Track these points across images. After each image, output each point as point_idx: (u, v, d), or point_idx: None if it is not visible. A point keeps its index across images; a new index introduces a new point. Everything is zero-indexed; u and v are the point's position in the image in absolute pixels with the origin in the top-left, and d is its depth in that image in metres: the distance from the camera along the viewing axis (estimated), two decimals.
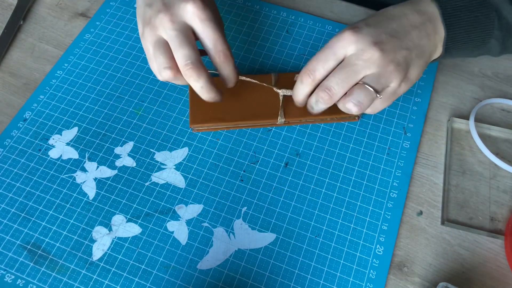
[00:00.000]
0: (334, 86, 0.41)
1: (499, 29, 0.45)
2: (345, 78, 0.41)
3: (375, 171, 0.48)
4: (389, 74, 0.41)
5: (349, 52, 0.41)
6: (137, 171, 0.48)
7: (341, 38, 0.41)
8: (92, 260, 0.43)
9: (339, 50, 0.41)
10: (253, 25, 0.57)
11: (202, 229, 0.45)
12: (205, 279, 0.43)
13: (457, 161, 0.48)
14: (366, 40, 0.41)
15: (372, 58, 0.40)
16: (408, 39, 0.42)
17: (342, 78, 0.41)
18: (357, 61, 0.41)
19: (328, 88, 0.42)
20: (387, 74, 0.41)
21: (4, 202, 0.46)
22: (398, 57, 0.41)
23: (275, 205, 0.46)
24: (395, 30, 0.42)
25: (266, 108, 0.49)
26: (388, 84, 0.42)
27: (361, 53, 0.41)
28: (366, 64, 0.41)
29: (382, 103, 0.43)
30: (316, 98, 0.43)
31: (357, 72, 0.41)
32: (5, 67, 0.55)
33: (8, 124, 0.51)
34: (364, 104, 0.42)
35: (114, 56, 0.55)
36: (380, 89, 0.42)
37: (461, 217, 0.45)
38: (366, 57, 0.41)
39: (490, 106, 0.52)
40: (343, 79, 0.41)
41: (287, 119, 0.49)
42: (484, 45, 0.46)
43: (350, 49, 0.41)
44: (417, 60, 0.43)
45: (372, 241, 0.44)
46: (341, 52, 0.41)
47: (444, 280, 0.43)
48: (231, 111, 0.49)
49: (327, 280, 0.43)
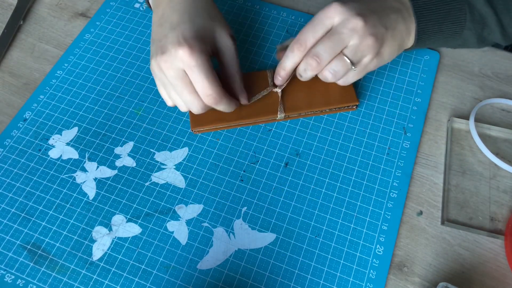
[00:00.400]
0: (322, 53, 0.44)
1: (471, 21, 0.47)
2: (332, 46, 0.44)
3: (375, 171, 0.48)
4: (366, 47, 0.44)
5: (336, 22, 0.44)
6: (137, 171, 0.48)
7: (328, 9, 0.45)
8: (92, 260, 0.43)
9: (327, 20, 0.44)
10: (253, 25, 0.57)
11: (202, 229, 0.45)
12: (205, 279, 0.43)
13: (457, 161, 0.48)
14: (351, 11, 0.44)
15: (356, 28, 0.43)
16: (387, 19, 0.45)
17: (330, 46, 0.44)
18: (343, 29, 0.44)
19: (316, 55, 0.44)
20: (364, 47, 0.44)
21: (4, 202, 0.46)
22: (377, 31, 0.44)
23: (275, 205, 0.46)
24: (376, 9, 0.45)
25: (265, 105, 0.49)
26: (362, 57, 0.45)
27: (346, 22, 0.44)
28: (350, 33, 0.44)
29: (353, 75, 0.46)
30: (305, 66, 0.46)
31: (342, 40, 0.44)
32: (5, 67, 0.55)
33: (8, 124, 0.51)
34: (339, 74, 0.45)
35: (114, 56, 0.55)
36: (356, 62, 0.45)
37: (461, 217, 0.45)
38: (350, 25, 0.43)
39: (490, 106, 0.52)
40: (330, 47, 0.44)
41: (286, 113, 0.49)
42: (459, 36, 0.48)
43: (336, 19, 0.44)
44: (392, 40, 0.46)
45: (372, 241, 0.44)
46: (329, 22, 0.44)
47: (444, 280, 0.43)
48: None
49: (327, 280, 0.43)
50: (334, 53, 0.44)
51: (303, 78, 0.47)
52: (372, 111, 0.51)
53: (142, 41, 0.56)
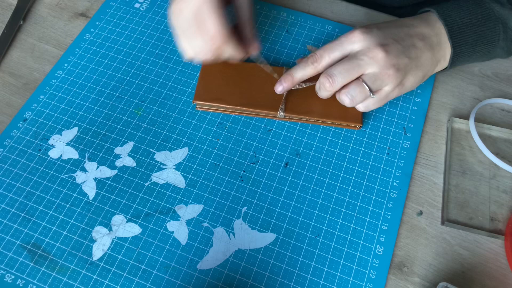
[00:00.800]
0: (337, 74, 0.44)
1: (504, 39, 0.47)
2: (348, 69, 0.43)
3: (375, 171, 0.48)
4: (387, 77, 0.43)
5: (356, 49, 0.44)
6: (137, 171, 0.48)
7: (350, 35, 0.44)
8: (92, 260, 0.43)
9: (347, 45, 0.44)
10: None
11: (202, 229, 0.45)
12: (205, 279, 0.43)
13: (457, 161, 0.48)
14: (373, 41, 0.43)
15: (376, 57, 0.43)
16: (412, 49, 0.44)
17: (346, 69, 0.44)
18: (362, 56, 0.43)
19: (330, 75, 0.44)
20: (385, 77, 0.43)
21: (4, 202, 0.46)
22: (399, 62, 0.43)
23: (275, 205, 0.46)
24: (401, 38, 0.45)
25: (269, 99, 0.50)
26: (383, 86, 0.44)
27: (366, 50, 0.43)
28: (370, 61, 0.43)
29: (374, 103, 0.46)
30: (319, 85, 0.46)
31: (360, 66, 0.43)
32: (5, 67, 0.55)
33: (8, 124, 0.51)
34: (357, 100, 0.45)
35: (114, 56, 0.55)
36: (375, 89, 0.44)
37: (461, 217, 0.45)
38: (371, 55, 0.43)
39: (490, 106, 0.52)
40: (346, 70, 0.43)
41: (287, 114, 0.49)
42: (489, 54, 0.48)
43: (357, 45, 0.44)
44: (416, 70, 0.45)
45: (372, 241, 0.44)
46: (348, 47, 0.44)
47: (444, 280, 0.43)
48: (235, 95, 0.50)
49: (327, 280, 0.43)
50: (349, 76, 0.44)
51: (320, 96, 0.48)
52: (372, 111, 0.51)
53: (142, 41, 0.56)
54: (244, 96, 0.50)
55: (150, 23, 0.57)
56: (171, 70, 0.54)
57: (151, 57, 0.55)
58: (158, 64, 0.54)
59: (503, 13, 0.47)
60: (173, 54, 0.55)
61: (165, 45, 0.56)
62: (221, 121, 0.51)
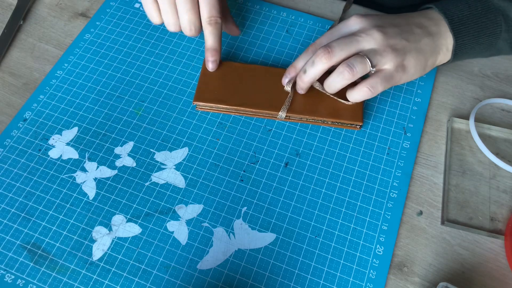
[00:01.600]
0: (335, 46, 0.44)
1: (506, 31, 0.47)
2: (347, 43, 0.44)
3: (375, 171, 0.48)
4: (386, 54, 0.44)
5: (353, 30, 0.45)
6: (137, 171, 0.48)
7: (348, 20, 0.46)
8: (92, 260, 0.43)
9: (344, 29, 0.45)
10: (253, 25, 0.57)
11: (202, 229, 0.45)
12: (205, 279, 0.43)
13: (457, 161, 0.48)
14: (370, 23, 0.45)
15: (373, 36, 0.44)
16: (410, 33, 0.45)
17: (345, 42, 0.44)
18: (360, 33, 0.44)
19: (329, 46, 0.44)
20: (384, 54, 0.44)
21: (4, 202, 0.46)
22: (396, 43, 0.44)
23: (275, 205, 0.46)
24: (398, 23, 0.46)
25: (270, 100, 0.50)
26: (384, 63, 0.44)
27: (364, 30, 0.44)
28: (368, 37, 0.44)
29: (381, 82, 0.45)
30: (314, 58, 0.45)
31: (358, 41, 0.44)
32: (5, 67, 0.55)
33: (8, 124, 0.51)
34: (357, 70, 0.43)
35: (114, 56, 0.55)
36: (375, 64, 0.44)
37: (461, 217, 0.45)
38: (368, 33, 0.44)
39: (490, 106, 0.52)
40: (345, 43, 0.44)
41: (288, 114, 0.49)
42: (493, 47, 0.48)
43: (354, 28, 0.45)
44: (416, 53, 0.45)
45: (372, 241, 0.44)
46: (346, 30, 0.45)
47: (444, 280, 0.43)
48: (235, 95, 0.50)
49: (327, 280, 0.43)
50: (348, 49, 0.44)
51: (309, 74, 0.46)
52: (372, 111, 0.51)
53: (142, 41, 0.56)
54: (245, 96, 0.50)
55: (150, 23, 0.57)
56: (171, 70, 0.54)
57: (151, 57, 0.55)
58: (158, 64, 0.54)
59: (502, 4, 0.47)
60: (173, 54, 0.55)
61: (165, 45, 0.56)
62: (221, 121, 0.51)
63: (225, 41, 0.56)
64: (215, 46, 0.49)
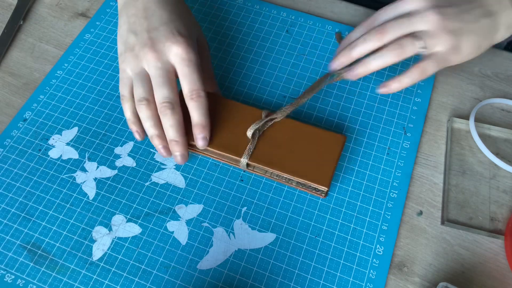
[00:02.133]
0: (388, 27, 0.43)
1: None
2: (400, 23, 0.43)
3: (375, 171, 0.48)
4: (439, 36, 0.43)
5: (410, 9, 0.44)
6: (137, 171, 0.48)
7: None
8: (92, 260, 0.43)
9: (401, 6, 0.44)
10: (253, 25, 0.57)
11: (202, 229, 0.45)
12: (205, 279, 0.43)
13: (457, 161, 0.48)
14: (428, 2, 0.43)
15: (429, 17, 0.43)
16: (468, 13, 0.44)
17: (398, 22, 0.43)
18: (415, 14, 0.43)
19: (382, 26, 0.44)
20: (437, 36, 0.43)
21: (4, 202, 0.46)
22: (452, 25, 0.43)
23: (275, 205, 0.46)
24: (459, 2, 0.44)
25: (235, 142, 0.45)
26: (436, 46, 0.43)
27: (420, 10, 0.43)
28: (422, 19, 0.43)
29: (432, 65, 0.44)
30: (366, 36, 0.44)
31: (412, 22, 0.43)
32: (5, 67, 0.55)
33: (8, 124, 0.51)
34: (406, 50, 0.43)
35: (114, 56, 0.55)
36: (427, 46, 0.43)
37: (461, 217, 0.45)
38: (424, 14, 0.43)
39: (490, 106, 0.52)
40: (398, 24, 0.43)
41: (251, 161, 0.44)
42: None
43: (411, 6, 0.44)
44: (472, 35, 0.44)
45: (372, 241, 0.44)
46: (402, 9, 0.44)
47: (444, 280, 0.43)
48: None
49: (327, 280, 0.43)
50: (400, 30, 0.43)
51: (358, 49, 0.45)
52: (372, 111, 0.51)
53: None
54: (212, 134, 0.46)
55: None
56: None
57: None
58: None
59: None
60: None
61: None
62: None
63: (225, 41, 0.56)
64: (201, 121, 0.44)
